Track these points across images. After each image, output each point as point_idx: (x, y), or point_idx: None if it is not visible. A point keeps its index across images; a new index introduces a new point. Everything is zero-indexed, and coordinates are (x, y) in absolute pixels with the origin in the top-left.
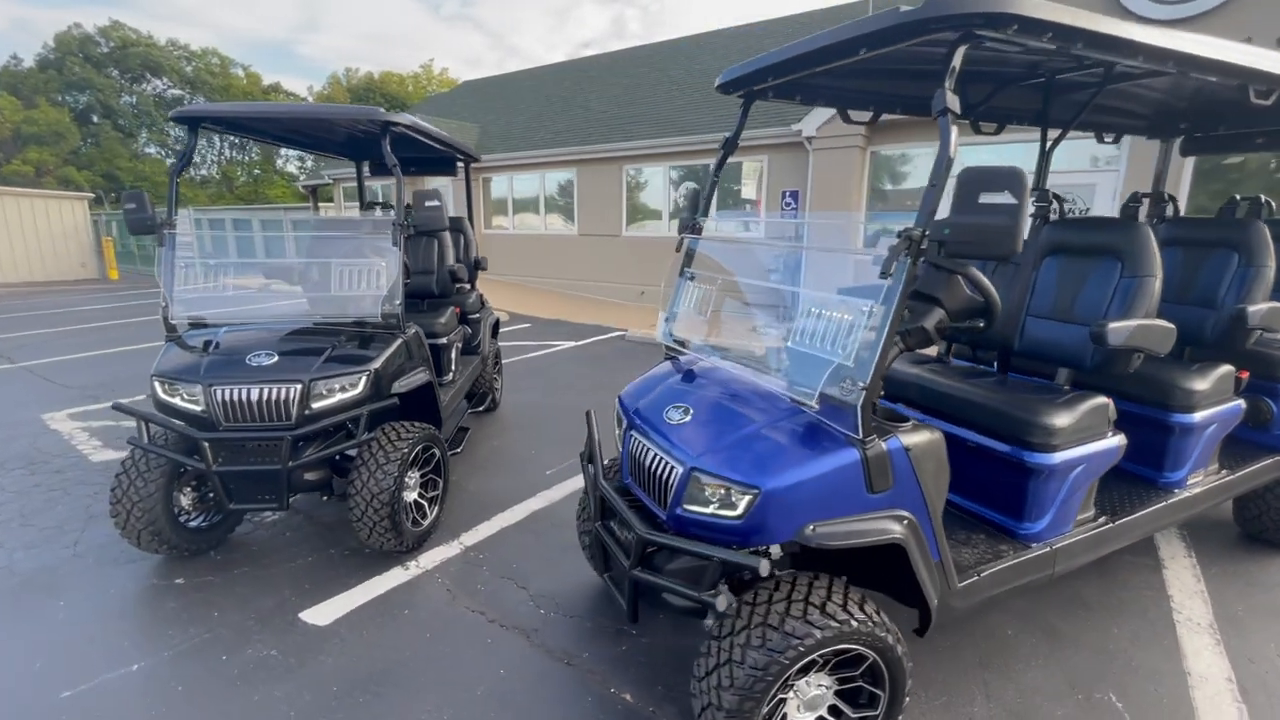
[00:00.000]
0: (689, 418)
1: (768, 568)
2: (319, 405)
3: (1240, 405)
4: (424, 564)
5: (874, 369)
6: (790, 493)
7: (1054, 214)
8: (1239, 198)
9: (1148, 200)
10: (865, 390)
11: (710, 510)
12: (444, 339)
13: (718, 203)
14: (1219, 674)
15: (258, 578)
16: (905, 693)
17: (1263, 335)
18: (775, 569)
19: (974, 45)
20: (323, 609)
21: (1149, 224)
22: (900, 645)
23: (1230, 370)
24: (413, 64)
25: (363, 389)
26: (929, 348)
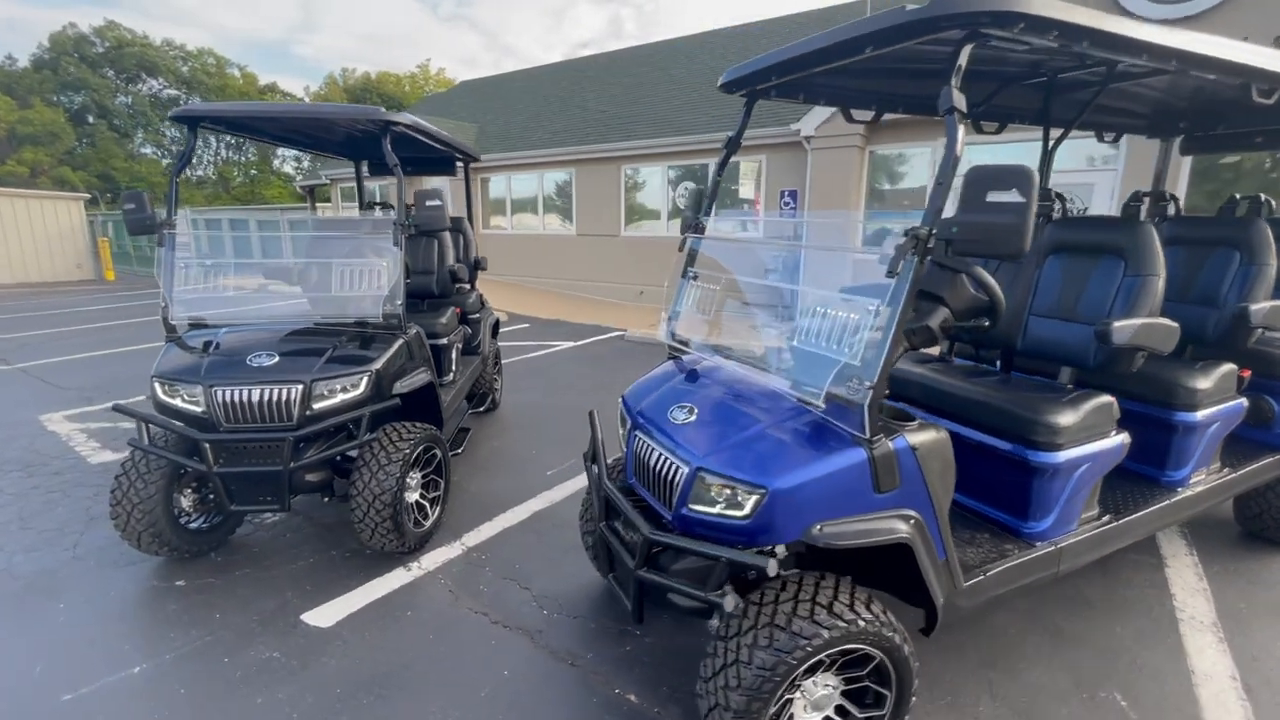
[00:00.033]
0: (694, 417)
1: (776, 568)
2: (320, 406)
3: (1242, 404)
4: (426, 565)
5: (881, 368)
6: (797, 492)
7: (1057, 213)
8: (1239, 196)
9: (1148, 199)
10: (872, 389)
11: (716, 510)
12: (444, 339)
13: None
14: (1223, 672)
15: (259, 579)
16: (912, 692)
17: (1264, 334)
18: (781, 569)
19: (979, 44)
20: (325, 610)
21: (1150, 223)
22: (907, 645)
23: (1233, 369)
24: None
25: (364, 389)
26: (932, 347)
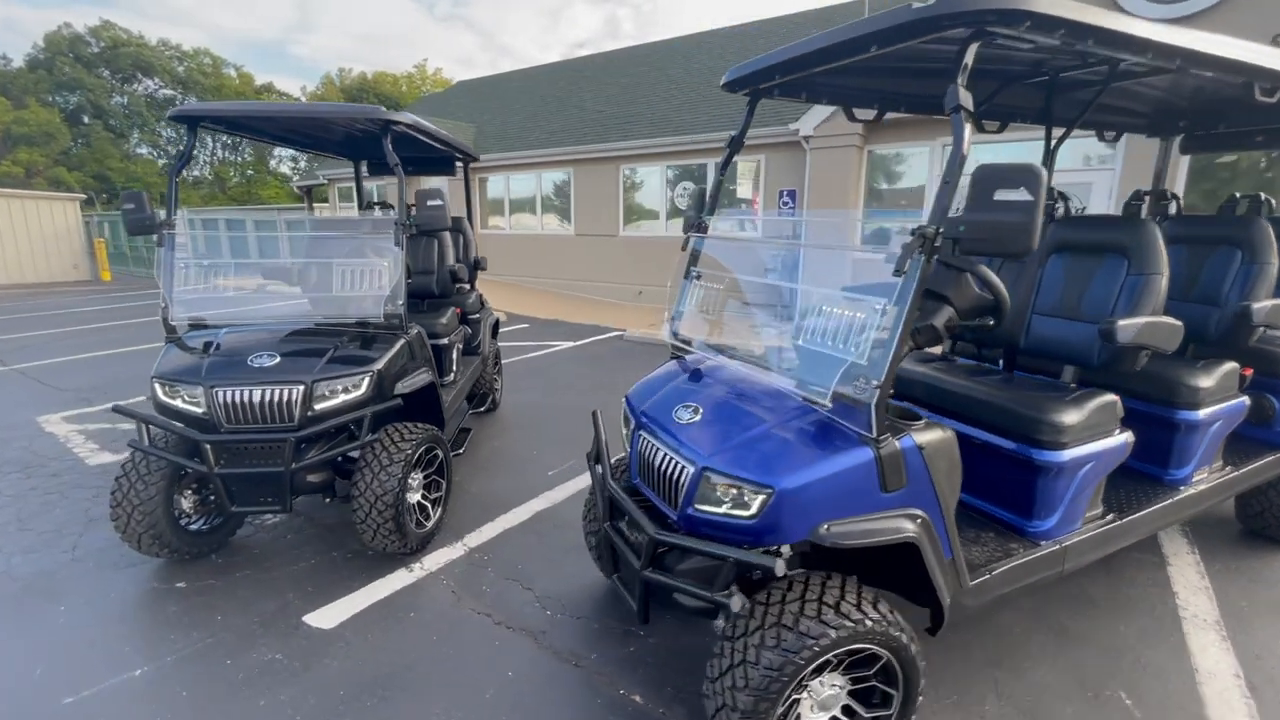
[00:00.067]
0: (698, 417)
1: (784, 567)
2: (322, 406)
3: (1244, 402)
4: (428, 566)
5: (888, 367)
6: (804, 492)
7: (1059, 212)
8: (1239, 195)
9: (1149, 198)
10: (879, 388)
11: (723, 510)
12: (445, 339)
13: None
14: (1226, 670)
15: (260, 581)
16: (919, 692)
17: (1266, 332)
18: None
19: (985, 43)
20: (327, 612)
21: (1154, 222)
22: (914, 644)
23: (1235, 367)
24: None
25: (366, 390)
26: (936, 346)
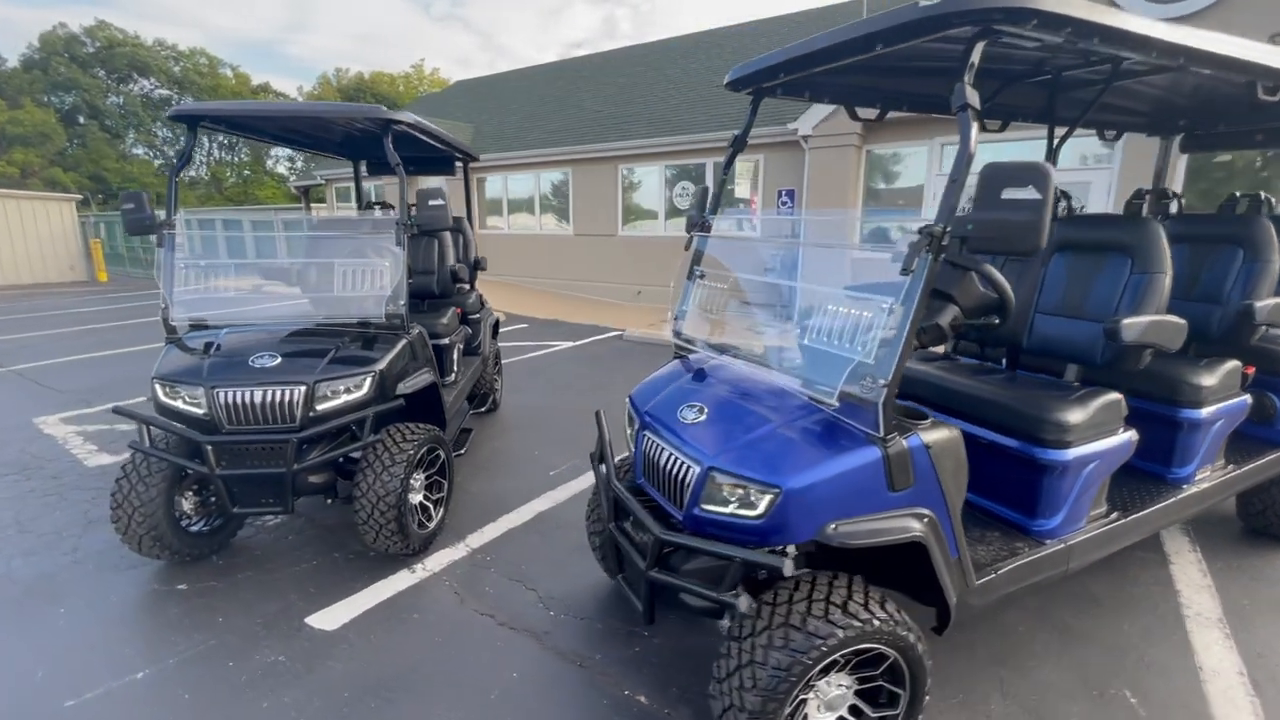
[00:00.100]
0: (704, 417)
1: (792, 567)
2: (324, 407)
3: (1247, 400)
4: (430, 567)
5: (895, 366)
6: (812, 492)
7: (1062, 211)
8: (1239, 194)
9: (1150, 197)
10: (887, 387)
11: (729, 510)
12: (446, 340)
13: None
14: (1230, 668)
15: (262, 582)
16: (925, 691)
17: (1268, 331)
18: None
19: (991, 41)
20: (329, 613)
21: (1157, 220)
22: (921, 644)
23: (1237, 365)
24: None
25: (368, 390)
26: (940, 345)
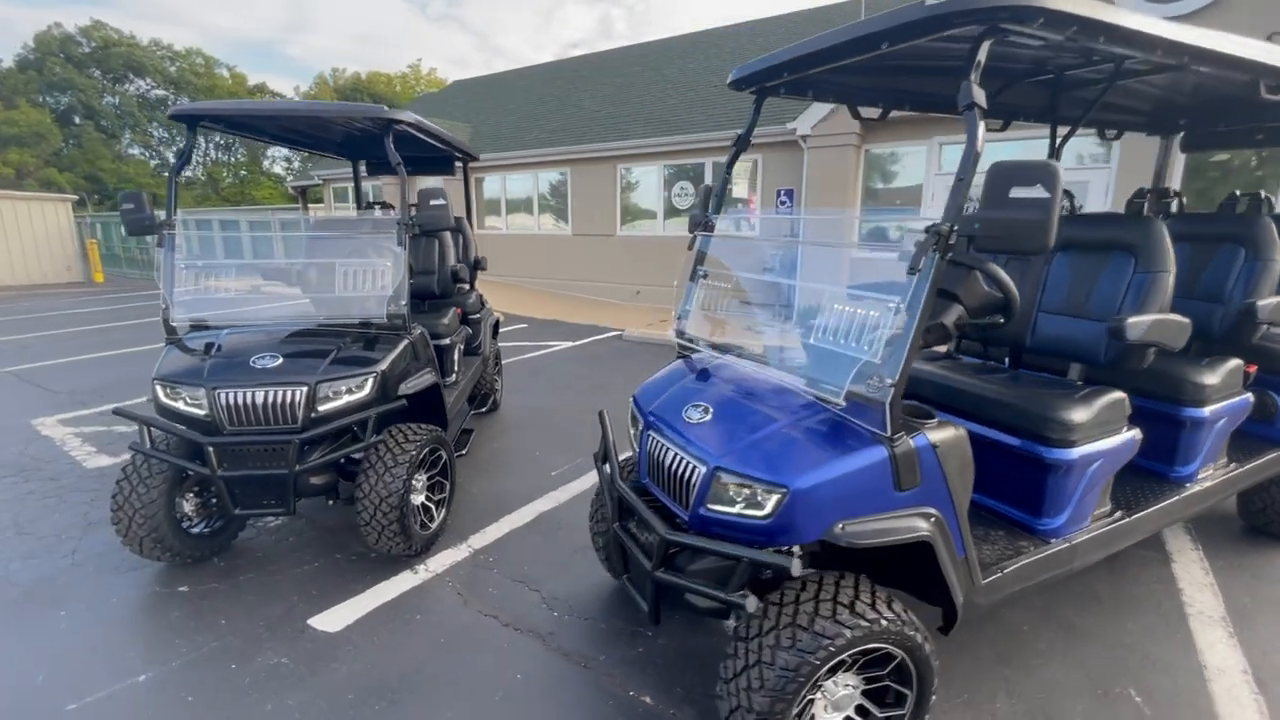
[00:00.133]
0: (709, 417)
1: (800, 567)
2: (326, 408)
3: (1249, 399)
4: (433, 568)
5: (902, 365)
6: (819, 491)
7: (1064, 210)
8: (1239, 193)
9: (1150, 196)
10: (894, 387)
11: (736, 510)
12: (447, 340)
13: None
14: (1234, 666)
15: (264, 584)
16: (932, 691)
17: (1269, 329)
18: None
19: (996, 40)
20: (332, 615)
21: (1160, 219)
22: (928, 644)
23: (1239, 364)
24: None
25: (370, 391)
26: (944, 344)
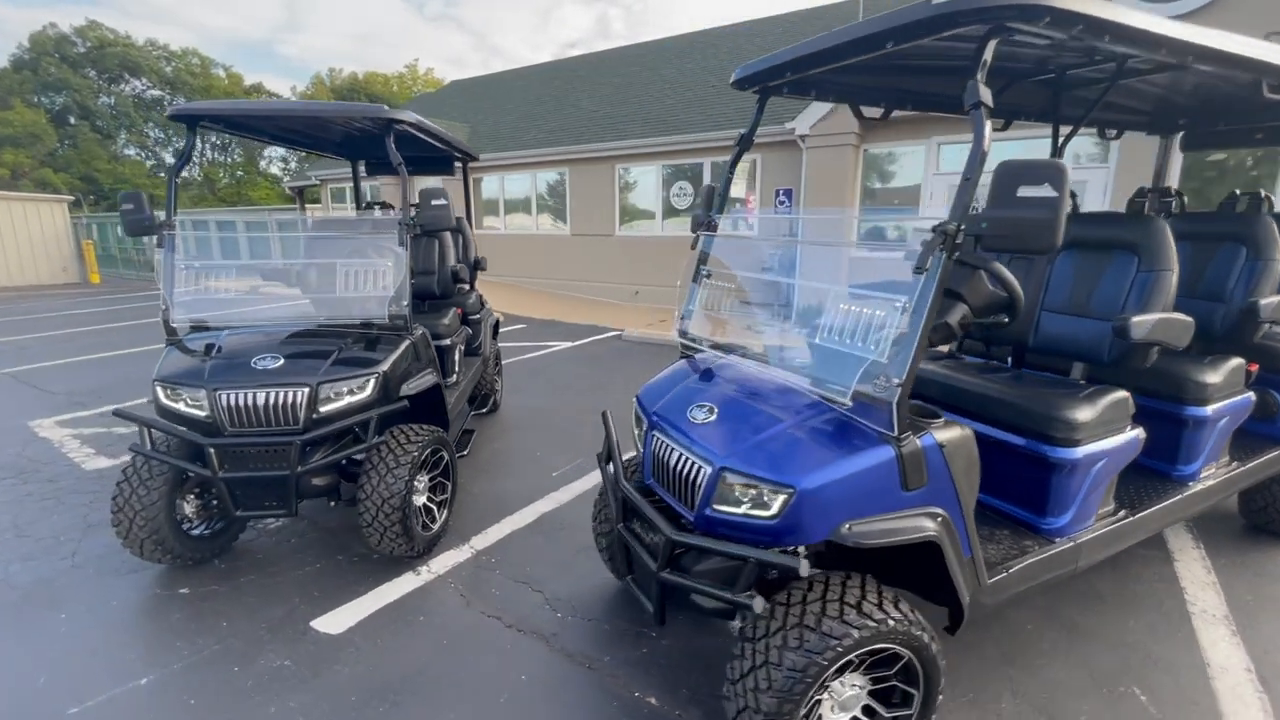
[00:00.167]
0: (714, 417)
1: (808, 568)
2: (327, 409)
3: (1251, 398)
4: (435, 569)
5: (909, 365)
6: (826, 491)
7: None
8: (1239, 192)
9: (1151, 195)
10: (901, 386)
11: (742, 510)
12: (448, 340)
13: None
14: (1238, 664)
15: (265, 586)
16: (939, 691)
17: (1271, 328)
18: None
19: (1003, 39)
20: (335, 617)
21: (1163, 218)
22: (935, 644)
23: (1241, 363)
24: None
25: (371, 392)
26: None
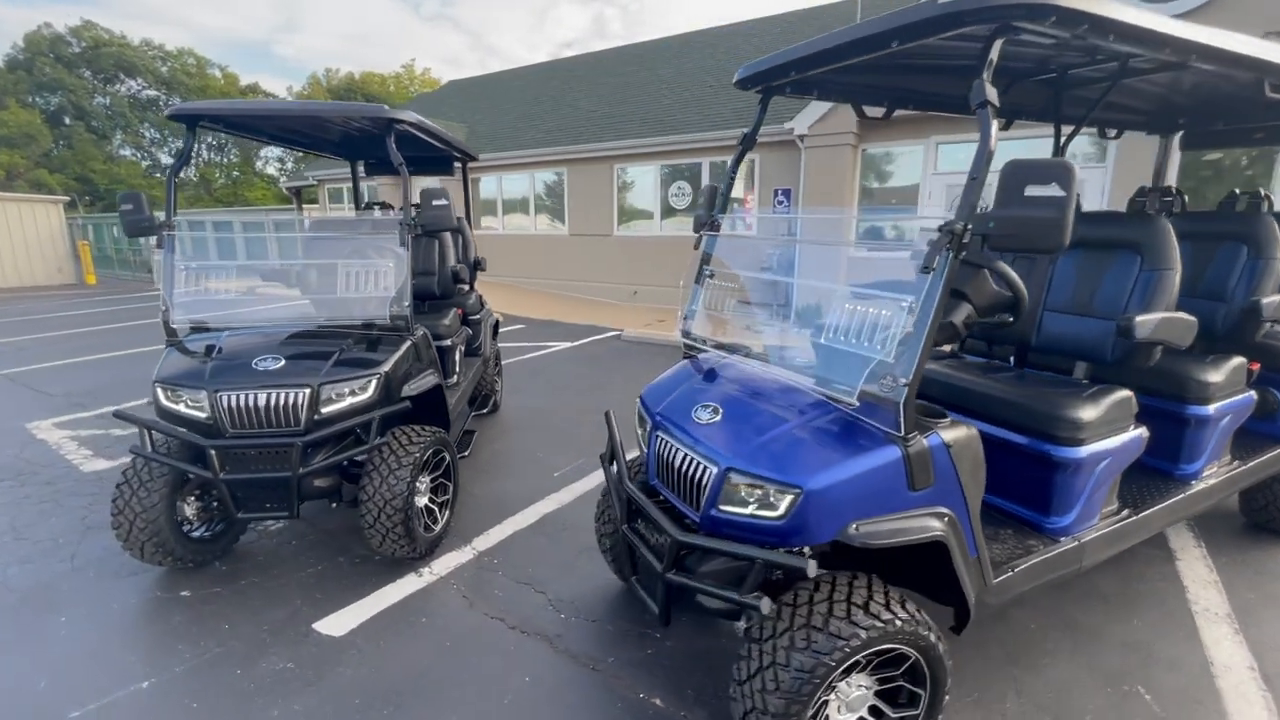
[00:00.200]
0: (718, 417)
1: (815, 568)
2: (329, 410)
3: (1252, 396)
4: (438, 570)
5: (916, 364)
6: (833, 492)
7: None
8: (1238, 192)
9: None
10: (908, 386)
11: (748, 511)
12: (448, 341)
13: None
14: (1241, 663)
15: (266, 588)
16: (945, 691)
17: (1272, 327)
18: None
19: (1009, 38)
20: (337, 619)
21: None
22: (942, 644)
23: (1242, 362)
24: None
25: (373, 393)
26: (952, 343)
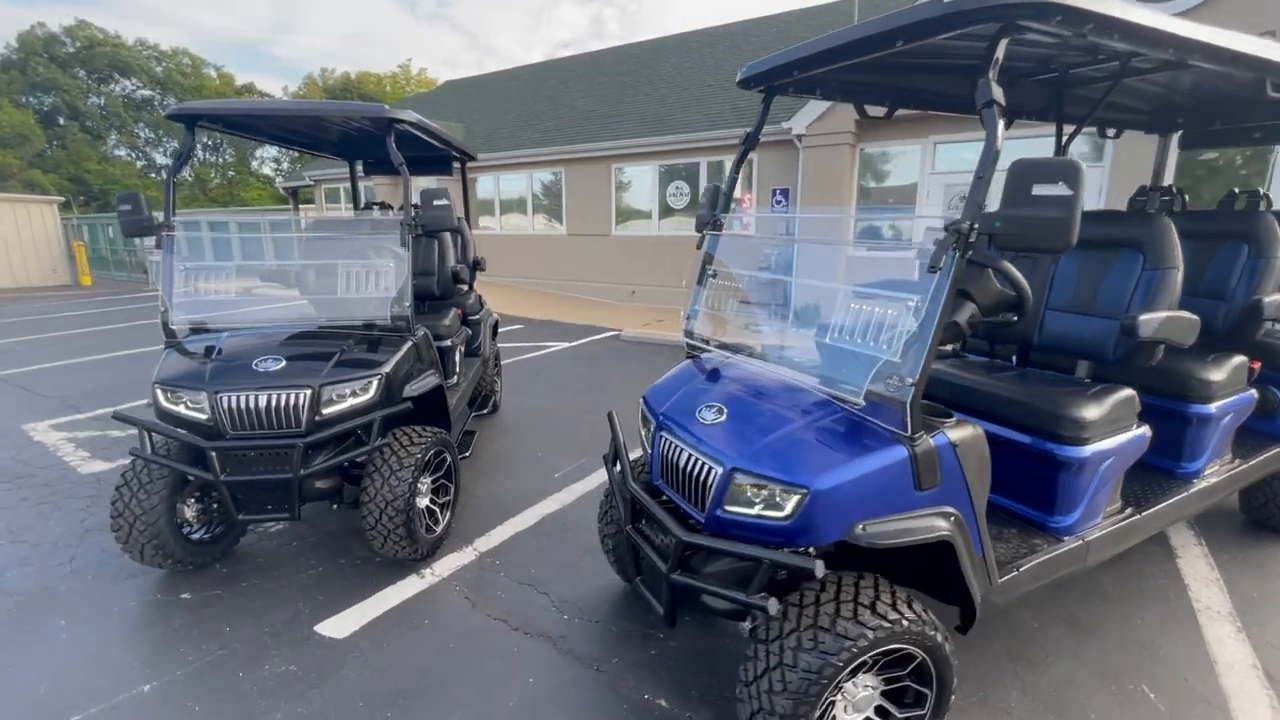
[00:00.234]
0: (723, 417)
1: (823, 569)
2: (330, 411)
3: (1253, 395)
4: (439, 571)
5: (923, 364)
6: (839, 492)
7: None
8: (1237, 191)
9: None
10: (915, 386)
11: (754, 511)
12: (448, 341)
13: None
14: (1244, 661)
15: (268, 590)
16: (951, 691)
17: (1273, 326)
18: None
19: (1014, 38)
20: (339, 621)
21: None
22: (948, 643)
23: (1244, 361)
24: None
25: (374, 393)
26: (954, 343)
